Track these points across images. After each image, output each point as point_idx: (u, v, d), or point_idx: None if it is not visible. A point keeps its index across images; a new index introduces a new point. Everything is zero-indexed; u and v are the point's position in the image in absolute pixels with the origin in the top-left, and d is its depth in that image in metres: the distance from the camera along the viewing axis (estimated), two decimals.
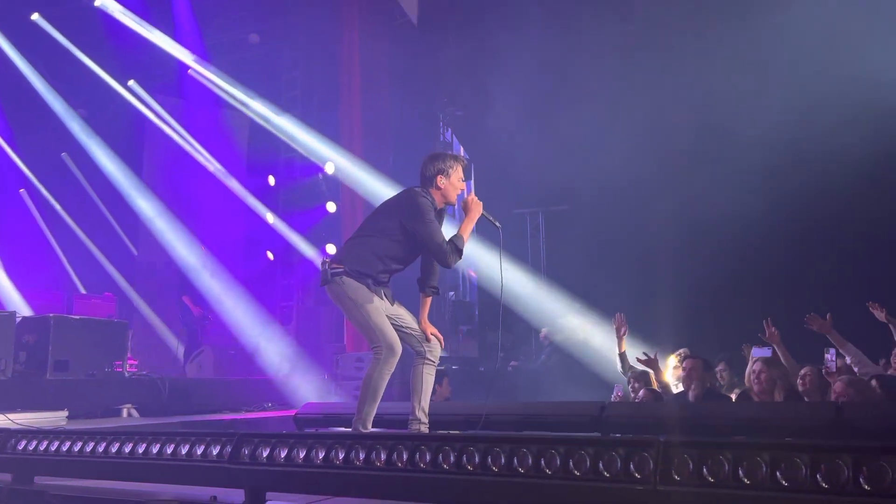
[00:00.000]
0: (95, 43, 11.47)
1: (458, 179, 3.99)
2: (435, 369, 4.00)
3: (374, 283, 3.86)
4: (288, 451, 2.65)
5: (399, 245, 3.90)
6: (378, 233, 3.93)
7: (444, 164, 3.96)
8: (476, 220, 3.96)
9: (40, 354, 6.43)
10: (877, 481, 1.72)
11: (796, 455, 1.84)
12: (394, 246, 3.89)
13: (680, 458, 1.98)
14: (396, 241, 3.89)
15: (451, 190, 3.97)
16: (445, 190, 3.95)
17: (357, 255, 3.88)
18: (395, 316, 3.95)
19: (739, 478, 1.88)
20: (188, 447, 2.93)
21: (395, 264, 3.94)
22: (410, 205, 3.88)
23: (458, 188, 4.01)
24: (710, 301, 9.07)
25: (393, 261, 3.92)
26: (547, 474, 2.17)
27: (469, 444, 2.34)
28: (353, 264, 3.84)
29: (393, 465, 2.44)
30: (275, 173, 11.58)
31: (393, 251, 3.90)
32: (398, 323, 3.94)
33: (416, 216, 3.83)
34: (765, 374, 4.86)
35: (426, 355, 3.95)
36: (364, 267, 3.84)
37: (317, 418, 4.94)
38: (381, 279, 3.91)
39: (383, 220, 3.96)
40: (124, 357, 7.17)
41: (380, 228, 3.94)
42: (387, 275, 3.96)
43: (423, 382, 3.91)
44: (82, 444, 3.22)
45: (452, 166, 3.97)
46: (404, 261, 3.98)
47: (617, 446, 2.11)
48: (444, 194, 3.96)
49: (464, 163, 4.09)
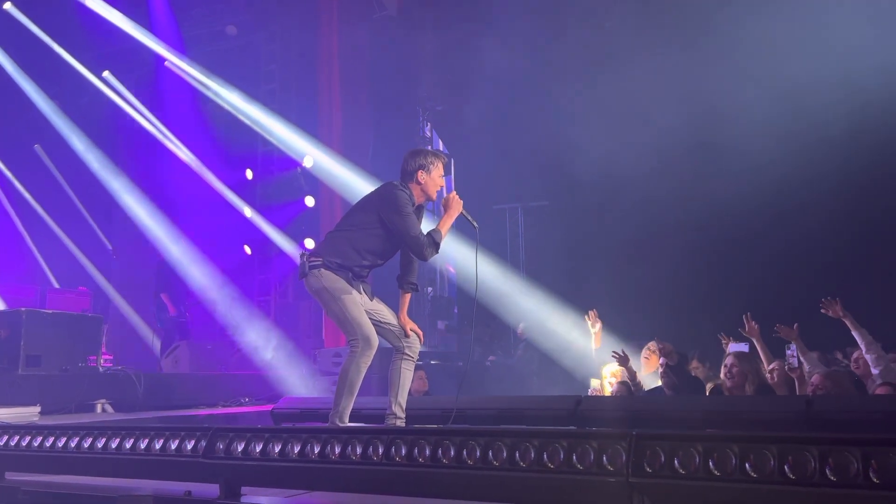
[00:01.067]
0: (69, 33, 11.29)
1: (438, 175, 4.02)
2: (414, 365, 4.01)
3: (354, 276, 3.87)
4: (263, 446, 2.65)
5: (378, 239, 3.91)
6: (357, 226, 3.93)
7: (426, 160, 3.99)
8: (455, 218, 3.98)
9: (12, 349, 6.34)
10: (842, 472, 1.76)
11: (765, 447, 1.88)
12: (373, 240, 3.90)
13: (652, 451, 2.00)
14: (375, 235, 3.90)
15: (432, 186, 3.99)
16: (426, 185, 3.97)
17: (336, 249, 3.88)
18: (374, 311, 3.96)
19: (709, 469, 1.91)
20: (162, 442, 2.91)
21: (374, 258, 3.94)
22: (388, 197, 3.90)
23: (438, 184, 4.03)
24: (689, 296, 9.16)
25: (372, 255, 3.92)
26: (522, 467, 2.19)
27: (444, 438, 2.35)
28: (331, 257, 3.84)
29: (368, 459, 2.44)
30: (253, 167, 11.49)
31: (372, 245, 3.91)
32: (377, 318, 3.95)
33: (393, 209, 3.85)
34: (736, 369, 4.91)
35: (405, 351, 3.97)
36: (343, 260, 3.84)
37: (294, 413, 4.94)
38: (360, 273, 3.91)
39: (362, 214, 3.97)
40: (98, 352, 7.09)
41: (359, 222, 3.95)
42: (366, 269, 3.96)
43: (402, 378, 3.92)
44: (54, 439, 3.19)
45: (433, 162, 4.00)
46: (384, 255, 3.99)
47: (590, 439, 2.13)
48: (424, 189, 3.98)
49: (444, 159, 4.12)
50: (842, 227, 8.65)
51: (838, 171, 8.33)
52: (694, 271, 9.39)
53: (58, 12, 11.03)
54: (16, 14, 11.12)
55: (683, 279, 9.31)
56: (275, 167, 11.21)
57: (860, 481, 1.73)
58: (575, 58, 9.84)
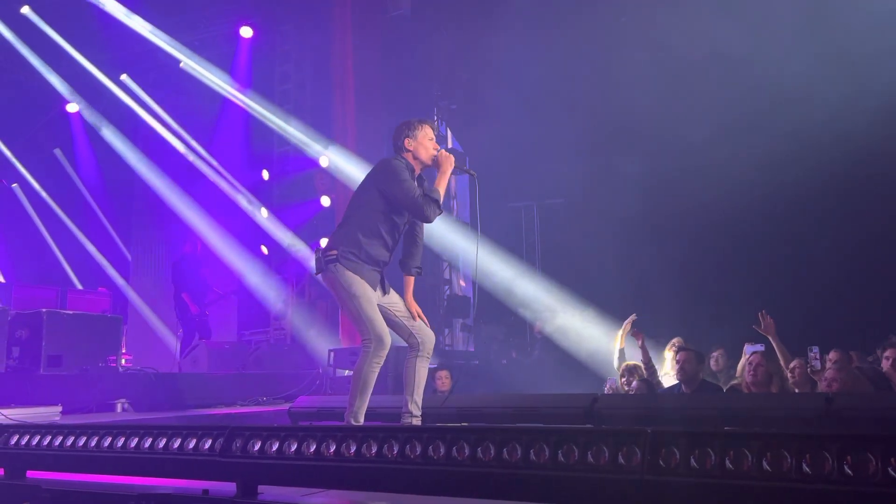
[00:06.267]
0: (86, 36, 11.40)
1: (425, 138, 4.01)
2: (428, 363, 4.01)
3: (370, 261, 3.84)
4: (279, 444, 2.66)
5: (383, 215, 3.90)
6: (361, 207, 3.94)
7: (409, 128, 4.01)
8: (450, 174, 3.97)
9: (33, 349, 6.41)
10: (861, 470, 1.74)
11: (782, 445, 1.86)
12: (378, 216, 3.89)
13: (667, 449, 1.99)
14: (380, 212, 3.89)
15: (422, 150, 3.99)
16: (416, 151, 3.98)
17: (347, 238, 3.87)
18: (389, 304, 3.94)
19: (726, 467, 1.89)
20: (180, 441, 2.93)
21: (384, 237, 3.91)
22: (384, 169, 3.93)
23: (427, 147, 4.02)
24: (706, 293, 9.09)
25: (381, 234, 3.90)
26: (536, 465, 2.18)
27: (460, 437, 2.35)
28: (344, 247, 3.83)
29: (384, 458, 2.44)
30: (269, 167, 11.55)
31: (379, 223, 3.89)
32: (391, 311, 3.93)
33: (389, 178, 3.87)
34: (762, 368, 4.87)
35: (419, 349, 3.96)
36: (357, 248, 3.83)
37: (310, 412, 4.96)
38: (376, 257, 3.88)
39: (363, 194, 3.98)
40: (118, 352, 7.16)
41: (362, 203, 3.96)
42: (382, 251, 3.91)
43: (417, 376, 3.92)
44: (74, 438, 3.22)
45: (417, 127, 4.01)
46: (392, 231, 3.96)
47: (606, 437, 2.12)
48: (416, 155, 3.99)
49: (432, 123, 4.12)
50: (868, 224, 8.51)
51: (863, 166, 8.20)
52: (714, 269, 9.32)
53: (74, 15, 11.12)
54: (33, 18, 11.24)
55: (702, 277, 9.24)
56: (290, 167, 11.26)
57: (879, 479, 1.71)
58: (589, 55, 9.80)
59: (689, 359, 5.16)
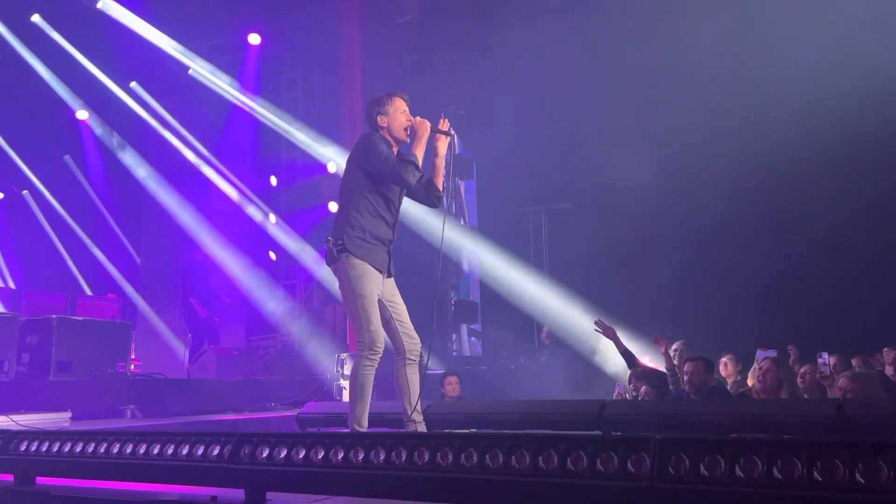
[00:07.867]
0: (96, 44, 11.47)
1: (396, 111, 3.99)
2: (417, 366, 3.95)
3: (375, 240, 3.82)
4: (287, 451, 2.66)
5: (373, 191, 3.88)
6: (351, 189, 3.91)
7: (379, 104, 4.00)
8: (426, 139, 3.95)
9: (43, 355, 6.44)
10: (873, 477, 1.72)
11: (793, 452, 1.84)
12: (369, 196, 3.87)
13: (677, 456, 1.98)
14: (368, 188, 3.87)
15: (395, 124, 3.98)
16: (390, 127, 3.97)
17: (347, 222, 3.84)
18: (391, 303, 3.91)
19: (736, 474, 1.88)
20: (188, 447, 2.93)
21: (380, 213, 3.88)
22: (361, 145, 3.92)
23: (399, 119, 3.99)
24: (713, 298, 9.05)
25: (376, 210, 3.87)
26: (545, 472, 2.17)
27: (468, 443, 2.34)
28: (346, 233, 3.81)
29: (391, 464, 2.44)
30: (277, 173, 11.58)
31: (371, 202, 3.87)
32: (390, 311, 3.90)
33: (367, 152, 3.86)
34: (771, 374, 4.80)
35: (407, 355, 3.89)
36: (359, 231, 3.81)
37: (318, 418, 4.95)
38: (380, 235, 3.86)
39: (349, 177, 3.96)
40: (127, 358, 7.17)
41: (351, 185, 3.93)
42: (383, 226, 3.89)
43: (410, 383, 3.87)
44: (83, 444, 3.23)
45: (387, 101, 4.00)
46: (388, 205, 3.93)
47: (615, 444, 2.11)
48: (391, 130, 3.98)
49: (403, 95, 4.08)
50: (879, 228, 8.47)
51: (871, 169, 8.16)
52: (722, 273, 9.28)
53: (84, 23, 11.20)
54: (43, 26, 11.31)
55: (710, 281, 9.20)
56: (298, 173, 11.29)
57: (891, 487, 1.69)
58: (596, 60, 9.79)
59: (696, 371, 5.01)
